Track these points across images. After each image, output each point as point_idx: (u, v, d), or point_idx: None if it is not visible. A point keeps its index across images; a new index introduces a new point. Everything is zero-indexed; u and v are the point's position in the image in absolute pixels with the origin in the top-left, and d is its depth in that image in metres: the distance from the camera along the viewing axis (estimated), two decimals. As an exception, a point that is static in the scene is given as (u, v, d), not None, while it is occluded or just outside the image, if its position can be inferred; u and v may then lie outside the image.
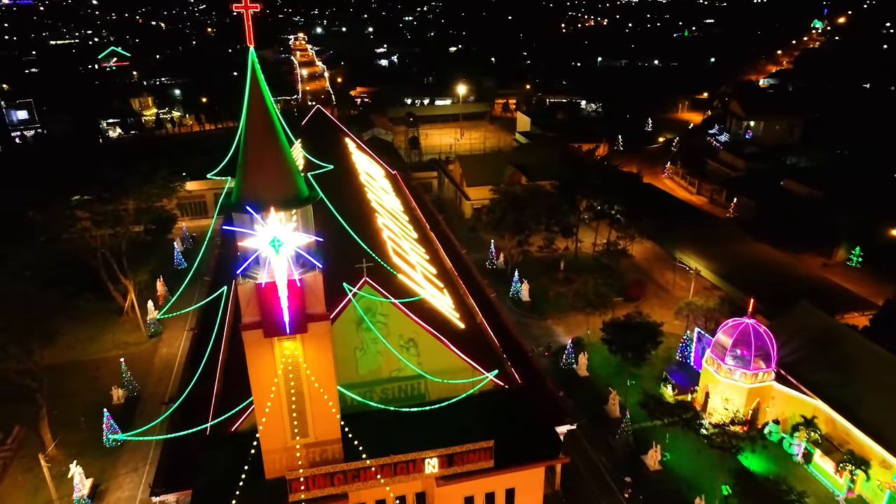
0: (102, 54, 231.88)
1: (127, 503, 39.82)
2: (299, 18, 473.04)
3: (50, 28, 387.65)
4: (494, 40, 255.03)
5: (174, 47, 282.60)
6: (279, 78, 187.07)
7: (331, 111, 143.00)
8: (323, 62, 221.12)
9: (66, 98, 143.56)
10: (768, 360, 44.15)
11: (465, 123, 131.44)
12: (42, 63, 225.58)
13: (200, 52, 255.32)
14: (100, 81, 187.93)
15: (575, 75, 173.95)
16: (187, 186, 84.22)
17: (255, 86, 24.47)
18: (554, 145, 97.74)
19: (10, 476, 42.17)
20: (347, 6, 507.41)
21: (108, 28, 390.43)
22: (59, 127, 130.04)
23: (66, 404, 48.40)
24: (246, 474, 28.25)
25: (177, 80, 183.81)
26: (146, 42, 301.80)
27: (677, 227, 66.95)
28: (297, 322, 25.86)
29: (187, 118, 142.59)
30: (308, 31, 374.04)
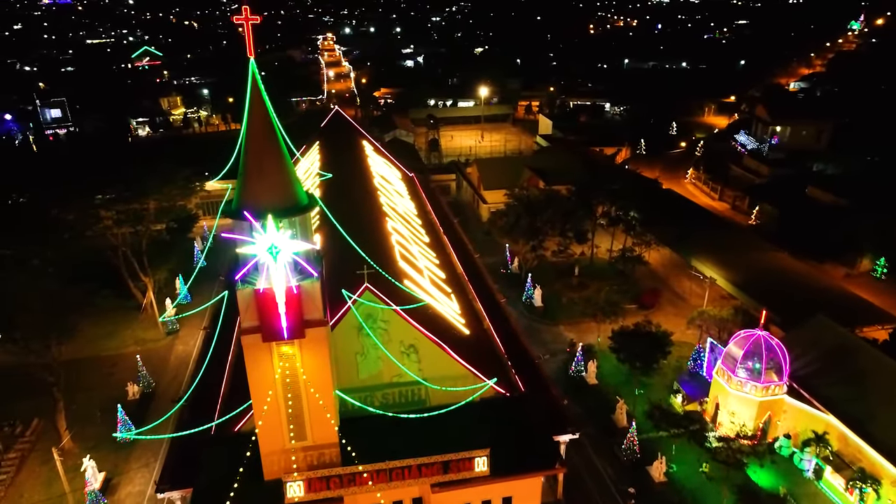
0: (135, 53, 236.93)
1: (137, 498, 40.78)
2: (329, 18, 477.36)
3: (87, 27, 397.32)
4: (521, 41, 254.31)
5: (205, 47, 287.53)
6: (306, 78, 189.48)
7: (354, 112, 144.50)
8: (349, 62, 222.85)
9: (98, 97, 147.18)
10: (780, 373, 43.44)
11: (486, 125, 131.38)
12: (77, 62, 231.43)
13: (230, 52, 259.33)
14: (132, 80, 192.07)
15: (601, 77, 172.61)
16: (209, 186, 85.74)
17: (256, 96, 24.91)
18: (574, 149, 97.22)
19: (27, 467, 43.54)
20: (376, 6, 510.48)
21: (143, 27, 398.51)
22: (91, 125, 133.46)
23: (84, 398, 49.73)
24: (245, 475, 28.84)
25: (206, 79, 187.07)
26: (178, 41, 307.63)
27: (694, 235, 66.02)
28: (295, 327, 26.28)
29: (214, 118, 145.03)
30: (337, 32, 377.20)
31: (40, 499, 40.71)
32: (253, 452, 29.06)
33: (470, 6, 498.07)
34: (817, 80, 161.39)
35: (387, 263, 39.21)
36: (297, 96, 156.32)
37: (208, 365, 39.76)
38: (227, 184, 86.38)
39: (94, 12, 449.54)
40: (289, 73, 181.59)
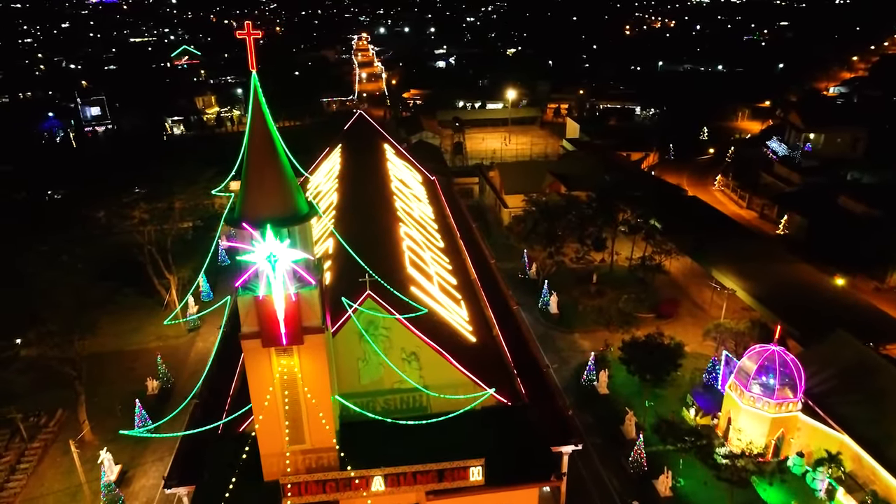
0: (175, 52, 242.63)
1: (151, 491, 42.05)
2: (365, 18, 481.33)
3: (131, 26, 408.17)
4: (555, 42, 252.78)
5: (242, 46, 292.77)
6: (338, 78, 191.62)
7: (383, 113, 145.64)
8: (381, 63, 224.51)
9: (136, 95, 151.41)
10: (795, 389, 42.59)
11: (514, 128, 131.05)
12: (119, 60, 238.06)
13: (267, 52, 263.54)
14: (170, 79, 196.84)
15: (633, 80, 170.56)
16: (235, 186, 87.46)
17: (258, 109, 25.62)
18: (600, 153, 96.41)
19: (49, 457, 45.28)
20: (412, 6, 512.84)
21: (184, 26, 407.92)
22: (128, 123, 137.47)
23: (106, 392, 51.45)
24: (247, 474, 29.66)
25: (241, 78, 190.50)
26: (217, 41, 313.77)
27: (716, 244, 64.90)
28: (293, 334, 26.90)
29: (246, 117, 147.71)
30: (372, 32, 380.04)
31: (59, 487, 42.30)
32: (255, 453, 29.83)
33: (506, 6, 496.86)
34: (859, 84, 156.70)
35: (395, 269, 39.71)
36: (327, 96, 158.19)
37: (221, 364, 41.00)
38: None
39: (139, 11, 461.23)
40: (321, 73, 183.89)
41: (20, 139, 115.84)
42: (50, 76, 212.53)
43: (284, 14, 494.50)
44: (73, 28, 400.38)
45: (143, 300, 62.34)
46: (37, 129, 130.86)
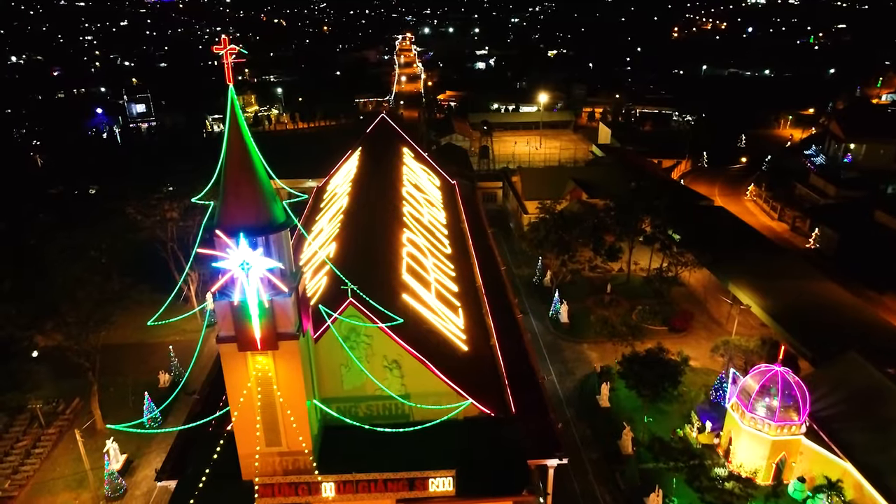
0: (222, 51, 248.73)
1: (152, 481, 43.29)
2: (411, 18, 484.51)
3: (185, 25, 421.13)
4: (599, 44, 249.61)
5: (289, 45, 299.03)
6: (377, 78, 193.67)
7: (418, 114, 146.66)
8: (422, 63, 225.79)
9: (180, 92, 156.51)
10: (798, 412, 41.30)
11: (547, 132, 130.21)
12: (169, 58, 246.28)
13: (314, 51, 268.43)
14: (216, 77, 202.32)
15: (674, 84, 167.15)
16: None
17: (234, 122, 26.38)
18: (629, 160, 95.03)
19: (63, 443, 47.43)
20: (460, 6, 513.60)
21: (235, 25, 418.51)
22: (171, 120, 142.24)
23: (121, 383, 53.59)
24: (227, 473, 30.62)
25: (285, 77, 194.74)
26: (265, 39, 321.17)
27: (736, 257, 63.24)
28: (268, 339, 27.63)
29: (284, 116, 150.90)
30: (417, 32, 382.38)
31: (69, 473, 44.33)
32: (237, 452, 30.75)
33: (554, 6, 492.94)
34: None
35: (390, 276, 40.17)
36: (363, 97, 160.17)
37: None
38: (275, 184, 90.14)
39: (194, 10, 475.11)
40: (360, 74, 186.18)
41: (67, 134, 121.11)
42: (104, 73, 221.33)
43: (332, 13, 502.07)
44: (130, 26, 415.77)
45: (165, 296, 64.37)
46: (85, 125, 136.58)
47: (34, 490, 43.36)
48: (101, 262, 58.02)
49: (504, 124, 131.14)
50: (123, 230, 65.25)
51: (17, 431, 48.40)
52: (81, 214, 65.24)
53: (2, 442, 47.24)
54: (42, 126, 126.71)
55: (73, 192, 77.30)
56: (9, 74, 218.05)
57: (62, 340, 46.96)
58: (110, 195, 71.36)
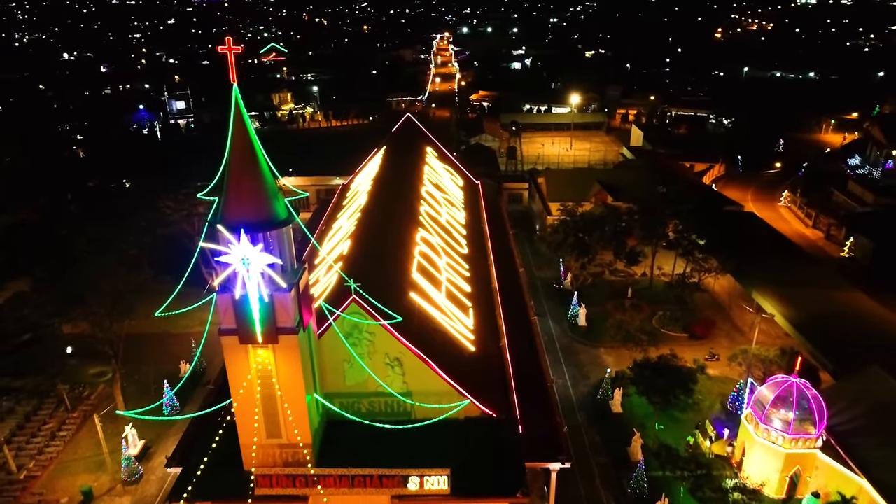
0: (263, 49, 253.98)
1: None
2: (451, 18, 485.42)
3: (229, 24, 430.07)
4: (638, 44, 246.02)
5: (328, 44, 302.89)
6: (412, 78, 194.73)
7: (449, 114, 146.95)
8: (458, 63, 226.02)
9: (219, 90, 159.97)
10: (814, 425, 40.22)
11: (579, 133, 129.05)
12: (211, 56, 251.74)
13: (349, 50, 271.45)
14: (255, 75, 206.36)
15: (714, 86, 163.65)
16: (293, 181, 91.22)
17: (239, 119, 27.00)
18: (659, 163, 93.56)
19: (86, 427, 49.19)
20: (499, 5, 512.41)
21: (278, 24, 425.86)
22: (209, 117, 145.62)
23: (146, 371, 55.31)
24: (230, 462, 31.44)
25: (322, 76, 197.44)
26: (306, 38, 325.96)
27: (763, 264, 61.73)
28: (268, 333, 28.25)
29: (318, 114, 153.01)
30: (455, 31, 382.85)
31: (90, 455, 45.99)
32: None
33: (596, 6, 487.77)
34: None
35: (400, 274, 40.55)
36: (396, 96, 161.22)
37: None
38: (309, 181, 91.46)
39: (239, 9, 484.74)
40: (395, 73, 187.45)
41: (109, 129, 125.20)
42: (149, 70, 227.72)
43: (373, 13, 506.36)
44: (177, 25, 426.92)
45: (193, 289, 66.16)
46: (127, 120, 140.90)
47: (56, 471, 45.16)
48: (128, 254, 59.97)
49: (535, 125, 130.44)
50: (153, 224, 67.18)
51: (44, 414, 50.44)
52: (113, 207, 67.37)
53: (30, 424, 49.29)
54: (86, 120, 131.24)
55: (109, 186, 79.95)
56: (60, 70, 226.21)
57: (87, 328, 48.75)
58: (144, 189, 73.51)
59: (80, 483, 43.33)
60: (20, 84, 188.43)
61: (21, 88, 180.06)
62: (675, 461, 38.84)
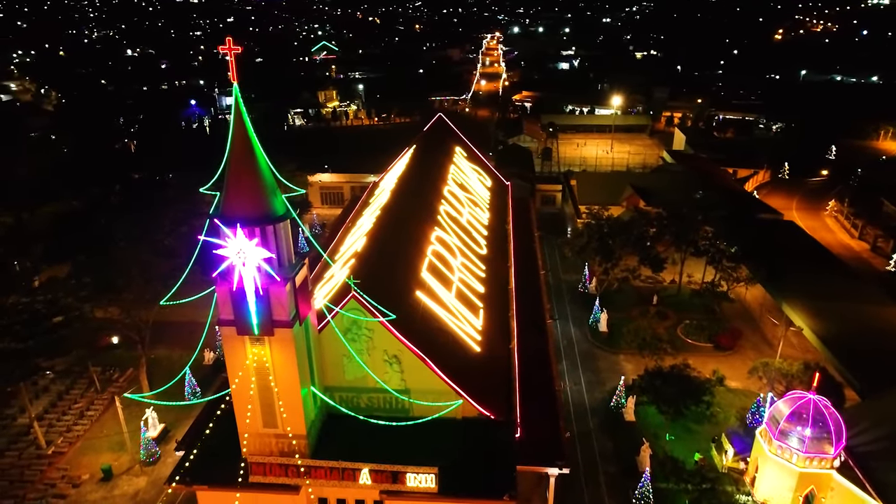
0: (315, 48, 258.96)
1: (184, 450, 46.62)
2: (503, 17, 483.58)
3: (285, 22, 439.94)
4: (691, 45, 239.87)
5: (378, 42, 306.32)
6: (457, 77, 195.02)
7: (490, 114, 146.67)
8: (505, 63, 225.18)
9: (267, 86, 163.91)
10: (831, 444, 38.66)
11: (621, 136, 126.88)
12: (265, 53, 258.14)
13: (398, 49, 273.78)
14: (304, 72, 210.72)
15: (768, 89, 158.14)
16: (327, 178, 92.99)
17: (239, 118, 27.81)
18: (700, 168, 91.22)
19: (113, 408, 51.42)
20: (553, 5, 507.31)
21: (332, 22, 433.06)
22: (257, 113, 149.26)
23: (172, 357, 57.40)
24: (229, 449, 32.51)
25: (369, 74, 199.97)
26: (358, 37, 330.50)
27: (797, 276, 59.47)
28: (264, 325, 29.07)
29: (361, 112, 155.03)
30: (506, 31, 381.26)
31: (113, 433, 48.08)
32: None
33: (653, 6, 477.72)
34: None
35: (407, 272, 40.95)
36: (439, 95, 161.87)
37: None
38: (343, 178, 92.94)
39: (295, 8, 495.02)
40: (440, 72, 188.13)
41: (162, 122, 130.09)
42: (206, 67, 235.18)
43: (426, 12, 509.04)
44: (236, 22, 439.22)
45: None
46: (180, 115, 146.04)
47: (82, 448, 47.44)
48: (162, 244, 62.22)
49: (576, 127, 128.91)
50: (190, 215, 69.45)
51: (76, 394, 53.01)
52: (151, 198, 69.97)
53: (61, 402, 51.89)
54: (141, 114, 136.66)
55: (154, 178, 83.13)
56: (122, 66, 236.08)
57: (117, 314, 50.97)
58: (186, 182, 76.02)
59: (102, 461, 45.39)
60: (84, 79, 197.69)
61: (85, 83, 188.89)
62: (679, 473, 37.93)
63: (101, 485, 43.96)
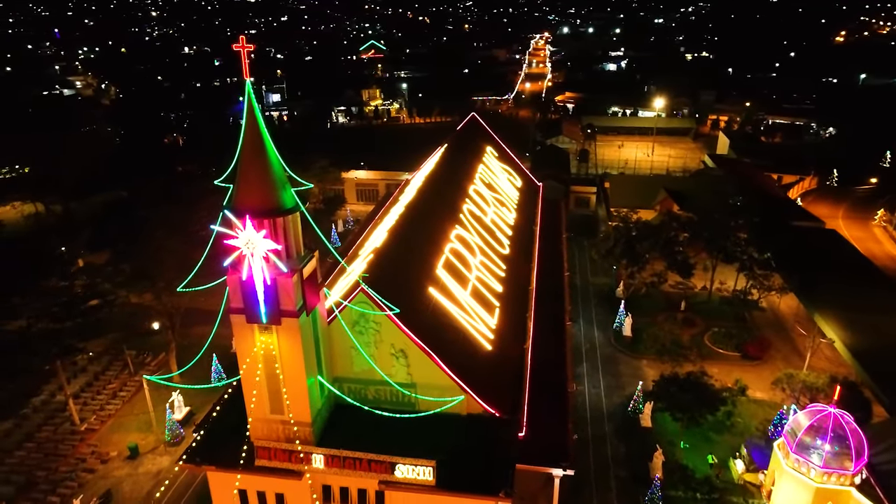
0: (363, 47, 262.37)
1: (206, 434, 48.36)
2: (554, 18, 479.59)
3: (337, 21, 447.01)
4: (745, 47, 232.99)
5: (426, 42, 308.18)
6: (501, 77, 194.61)
7: (531, 114, 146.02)
8: (551, 63, 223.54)
9: (315, 84, 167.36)
10: (852, 460, 37.40)
11: (663, 138, 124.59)
12: (315, 52, 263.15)
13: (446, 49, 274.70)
14: (351, 71, 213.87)
15: (823, 93, 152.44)
16: (363, 175, 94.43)
17: (251, 114, 28.80)
18: (742, 173, 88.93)
19: (143, 390, 53.74)
20: (606, 5, 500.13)
21: (383, 22, 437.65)
22: (303, 110, 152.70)
23: (200, 344, 59.35)
24: (239, 433, 33.74)
25: (414, 73, 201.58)
26: (407, 37, 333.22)
27: (833, 286, 57.46)
28: (272, 314, 30.09)
29: (403, 111, 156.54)
30: (555, 32, 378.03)
31: (142, 413, 50.21)
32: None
33: (709, 6, 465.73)
34: None
35: (422, 269, 41.47)
36: (481, 95, 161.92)
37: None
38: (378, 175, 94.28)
39: (347, 7, 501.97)
40: (484, 73, 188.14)
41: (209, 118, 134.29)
42: (256, 64, 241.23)
43: (476, 11, 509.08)
44: (290, 21, 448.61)
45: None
46: (229, 111, 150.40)
47: (113, 426, 49.79)
48: (197, 234, 64.47)
49: (616, 128, 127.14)
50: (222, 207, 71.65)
51: (111, 375, 55.57)
52: (192, 191, 72.42)
53: (97, 382, 54.49)
54: (191, 110, 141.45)
55: (196, 171, 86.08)
56: (178, 63, 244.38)
57: (150, 300, 53.20)
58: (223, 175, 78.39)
59: (130, 440, 47.54)
60: (142, 75, 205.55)
61: (142, 79, 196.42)
62: (688, 482, 37.31)
63: (128, 462, 46.07)
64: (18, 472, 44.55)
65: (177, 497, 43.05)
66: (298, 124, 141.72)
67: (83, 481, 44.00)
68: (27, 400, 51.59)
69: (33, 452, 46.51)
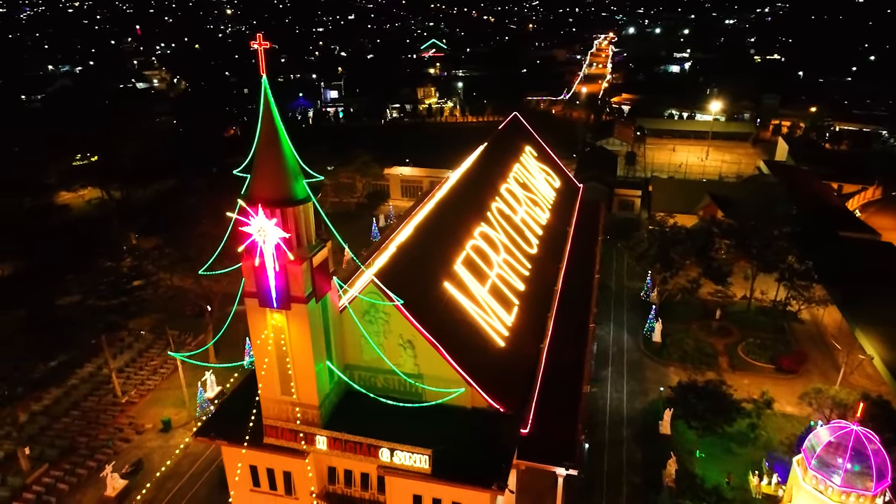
0: (424, 45, 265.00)
1: (235, 413, 50.66)
2: (621, 17, 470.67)
3: (402, 20, 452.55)
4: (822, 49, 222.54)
5: (488, 41, 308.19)
6: (559, 77, 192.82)
7: (586, 115, 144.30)
8: (612, 64, 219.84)
9: (372, 81, 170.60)
10: (873, 480, 35.95)
11: (721, 143, 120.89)
12: (377, 50, 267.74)
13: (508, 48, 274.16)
14: (410, 69, 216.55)
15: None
16: (408, 172, 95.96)
17: (267, 108, 30.23)
18: (799, 181, 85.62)
19: (181, 369, 56.75)
20: (676, 5, 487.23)
21: (447, 21, 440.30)
22: (358, 106, 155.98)
23: (240, 327, 62.09)
24: (251, 412, 35.44)
25: (472, 72, 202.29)
26: (469, 36, 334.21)
27: (879, 301, 54.89)
28: (282, 300, 31.54)
29: (456, 110, 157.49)
30: (621, 32, 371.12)
31: (178, 388, 53.04)
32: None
33: (787, 6, 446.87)
34: None
35: (440, 263, 42.23)
36: (536, 95, 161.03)
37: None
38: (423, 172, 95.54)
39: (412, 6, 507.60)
40: (541, 73, 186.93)
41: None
42: (321, 61, 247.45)
43: (542, 11, 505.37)
44: (357, 19, 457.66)
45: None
46: (288, 107, 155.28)
47: (150, 400, 52.90)
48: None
49: (670, 132, 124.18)
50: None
51: (154, 352, 58.91)
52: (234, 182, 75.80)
53: (140, 359, 57.89)
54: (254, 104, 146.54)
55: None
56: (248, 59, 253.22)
57: (191, 284, 56.11)
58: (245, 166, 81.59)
59: (164, 414, 50.41)
60: (212, 70, 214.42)
61: (211, 74, 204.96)
62: (696, 491, 36.70)
63: (160, 434, 48.90)
64: (63, 437, 48.01)
65: (203, 469, 45.50)
66: (349, 120, 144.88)
67: (119, 449, 47.05)
68: (75, 371, 55.35)
69: (77, 420, 49.99)
